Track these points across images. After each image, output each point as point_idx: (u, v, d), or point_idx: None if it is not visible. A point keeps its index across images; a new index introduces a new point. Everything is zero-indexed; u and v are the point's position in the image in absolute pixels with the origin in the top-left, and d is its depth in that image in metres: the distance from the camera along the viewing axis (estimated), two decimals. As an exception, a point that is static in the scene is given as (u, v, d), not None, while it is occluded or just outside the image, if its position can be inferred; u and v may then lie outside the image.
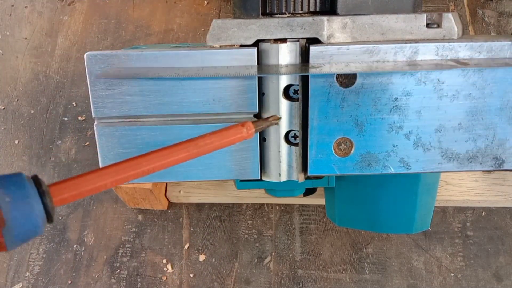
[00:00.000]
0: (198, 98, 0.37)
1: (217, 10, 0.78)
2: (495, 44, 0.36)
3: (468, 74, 0.36)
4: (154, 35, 0.78)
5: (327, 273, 0.67)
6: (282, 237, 0.69)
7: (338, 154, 0.38)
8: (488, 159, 0.38)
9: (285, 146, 0.38)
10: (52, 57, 0.79)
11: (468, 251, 0.66)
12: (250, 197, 0.68)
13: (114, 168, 0.22)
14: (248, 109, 0.38)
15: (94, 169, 0.21)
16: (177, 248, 0.69)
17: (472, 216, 0.68)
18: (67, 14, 0.80)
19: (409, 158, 0.38)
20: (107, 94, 0.37)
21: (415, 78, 0.36)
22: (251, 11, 0.37)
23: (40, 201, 0.18)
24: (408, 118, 0.37)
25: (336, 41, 0.36)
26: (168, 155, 0.24)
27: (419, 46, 0.35)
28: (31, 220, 0.18)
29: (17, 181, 0.18)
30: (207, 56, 0.36)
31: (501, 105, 0.37)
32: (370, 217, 0.50)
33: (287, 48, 0.36)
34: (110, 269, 0.69)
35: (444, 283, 0.65)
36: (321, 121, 0.37)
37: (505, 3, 0.73)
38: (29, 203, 0.18)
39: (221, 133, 0.27)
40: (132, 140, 0.38)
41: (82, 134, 0.75)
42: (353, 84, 0.36)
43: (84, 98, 0.76)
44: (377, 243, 0.67)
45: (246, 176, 0.40)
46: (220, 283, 0.67)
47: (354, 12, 0.36)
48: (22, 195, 0.18)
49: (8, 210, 0.17)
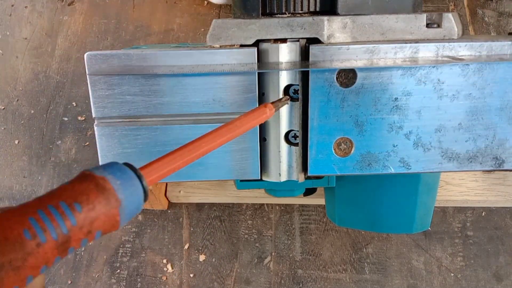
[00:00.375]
0: (198, 98, 0.37)
1: (217, 10, 0.78)
2: (495, 44, 0.36)
3: (468, 74, 0.36)
4: (154, 35, 0.78)
5: (327, 273, 0.67)
6: (282, 237, 0.69)
7: (338, 154, 0.38)
8: (488, 159, 0.38)
9: (285, 146, 0.38)
10: (52, 57, 0.79)
11: (468, 251, 0.66)
12: (250, 197, 0.68)
13: (188, 147, 0.26)
14: (248, 109, 0.38)
15: (170, 151, 0.25)
16: (177, 248, 0.69)
17: (472, 216, 0.68)
18: (67, 14, 0.80)
19: (409, 158, 0.38)
20: (107, 94, 0.37)
21: (415, 78, 0.36)
22: (251, 11, 0.37)
23: (139, 183, 0.22)
24: (408, 118, 0.37)
25: (336, 41, 0.36)
26: (213, 139, 0.27)
27: (419, 46, 0.35)
28: (137, 199, 0.22)
29: (119, 167, 0.21)
30: (207, 56, 0.36)
31: (501, 105, 0.37)
32: (370, 217, 0.50)
33: (287, 48, 0.36)
34: (110, 269, 0.69)
35: (444, 283, 0.65)
36: (321, 121, 0.37)
37: (505, 3, 0.73)
38: (134, 184, 0.21)
39: (248, 116, 0.31)
40: (132, 140, 0.38)
41: (82, 134, 0.75)
42: (353, 84, 0.36)
43: (84, 98, 0.76)
44: (377, 243, 0.67)
45: (246, 176, 0.40)
46: (220, 283, 0.67)
47: (354, 12, 0.36)
48: (127, 178, 0.21)
49: (121, 191, 0.21)
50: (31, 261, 0.18)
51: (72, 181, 0.20)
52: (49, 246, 0.18)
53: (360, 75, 0.36)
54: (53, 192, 0.20)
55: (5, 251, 0.17)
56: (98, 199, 0.20)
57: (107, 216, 0.20)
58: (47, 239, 0.18)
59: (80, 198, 0.19)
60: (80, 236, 0.19)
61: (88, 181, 0.20)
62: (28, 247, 0.18)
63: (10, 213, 0.18)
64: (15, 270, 0.17)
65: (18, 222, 0.18)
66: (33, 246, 0.18)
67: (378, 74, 0.36)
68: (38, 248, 0.18)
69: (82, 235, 0.19)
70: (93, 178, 0.20)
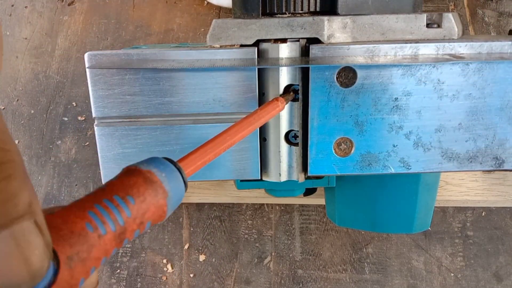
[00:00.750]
0: (198, 98, 0.37)
1: (217, 10, 0.78)
2: (495, 44, 0.36)
3: (468, 74, 0.36)
4: (154, 35, 0.78)
5: (327, 273, 0.67)
6: (282, 237, 0.69)
7: (338, 154, 0.38)
8: (488, 159, 0.38)
9: (285, 146, 0.38)
10: (52, 57, 0.79)
11: (468, 251, 0.66)
12: (250, 197, 0.68)
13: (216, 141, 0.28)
14: (248, 109, 0.38)
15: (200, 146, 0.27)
16: (177, 248, 0.69)
17: (472, 216, 0.68)
18: (67, 14, 0.80)
19: (409, 158, 0.38)
20: (107, 94, 0.37)
21: (415, 78, 0.36)
22: (251, 11, 0.37)
23: (180, 175, 0.23)
24: (408, 118, 0.37)
25: (336, 41, 0.36)
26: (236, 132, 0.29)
27: (419, 46, 0.35)
28: (180, 190, 0.23)
29: (161, 161, 0.23)
30: (207, 55, 0.36)
31: (501, 105, 0.37)
32: (370, 217, 0.50)
33: (288, 48, 0.36)
34: (110, 269, 0.69)
35: (444, 283, 0.65)
36: (321, 121, 0.37)
37: (505, 3, 0.73)
38: (177, 176, 0.23)
39: (263, 110, 0.32)
40: (132, 140, 0.38)
41: (82, 134, 0.75)
42: (353, 84, 0.36)
43: (84, 98, 0.76)
44: (377, 243, 0.67)
45: (246, 176, 0.40)
46: (220, 283, 0.67)
47: (354, 12, 0.36)
48: (170, 171, 0.22)
49: (167, 183, 0.22)
50: (95, 252, 0.19)
51: (120, 176, 0.21)
52: (109, 237, 0.19)
53: (360, 75, 0.36)
54: (104, 187, 0.21)
55: (73, 244, 0.18)
56: (147, 191, 0.21)
57: (156, 207, 0.21)
58: (107, 231, 0.19)
59: (131, 191, 0.20)
60: (134, 227, 0.20)
61: (136, 175, 0.21)
62: (91, 239, 0.18)
63: (70, 208, 0.19)
64: (82, 261, 0.18)
65: (79, 217, 0.19)
66: (96, 238, 0.19)
67: (378, 74, 0.36)
68: (100, 240, 0.19)
69: (136, 226, 0.20)
70: (140, 172, 0.21)
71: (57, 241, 0.18)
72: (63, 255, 0.18)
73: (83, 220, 0.19)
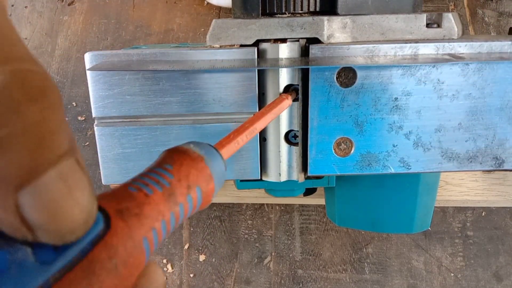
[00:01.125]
0: (198, 98, 0.37)
1: (217, 10, 0.78)
2: (495, 44, 0.36)
3: (468, 74, 0.36)
4: (154, 35, 0.78)
5: (327, 273, 0.67)
6: (282, 237, 0.69)
7: (338, 154, 0.38)
8: (488, 159, 0.38)
9: (285, 146, 0.38)
10: (52, 57, 0.79)
11: (468, 251, 0.66)
12: (250, 197, 0.68)
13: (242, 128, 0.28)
14: (248, 109, 0.38)
15: (231, 133, 0.27)
16: (177, 248, 0.69)
17: (472, 216, 0.68)
18: (67, 14, 0.80)
19: (409, 158, 0.38)
20: (107, 94, 0.37)
21: (415, 78, 0.36)
22: (251, 11, 0.37)
23: (222, 159, 0.23)
24: (408, 118, 0.37)
25: (336, 41, 0.36)
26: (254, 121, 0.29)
27: (419, 46, 0.35)
28: (223, 175, 0.23)
29: (205, 146, 0.23)
30: (207, 56, 0.36)
31: (501, 105, 0.37)
32: (370, 217, 0.50)
33: (287, 48, 0.36)
34: (110, 269, 0.69)
35: (444, 283, 0.65)
36: (321, 121, 0.37)
37: (505, 3, 0.73)
38: (221, 162, 0.23)
39: (274, 105, 0.32)
40: (132, 140, 0.38)
41: (82, 134, 0.75)
42: (353, 84, 0.36)
43: (84, 98, 0.76)
44: (377, 243, 0.67)
45: (246, 176, 0.40)
46: (220, 283, 0.67)
47: (354, 12, 0.36)
48: (215, 157, 0.23)
49: (213, 169, 0.22)
50: (147, 210, 0.18)
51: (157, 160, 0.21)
52: (158, 196, 0.18)
53: (360, 75, 0.36)
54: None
55: (119, 200, 0.17)
56: (180, 155, 0.21)
57: (197, 170, 0.21)
58: (153, 190, 0.19)
59: (165, 160, 0.21)
60: (182, 190, 0.20)
61: (164, 152, 0.21)
62: (138, 197, 0.18)
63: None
64: (135, 216, 0.17)
65: (121, 186, 0.18)
66: (143, 196, 0.18)
67: (378, 74, 0.36)
68: (148, 198, 0.18)
69: (184, 189, 0.20)
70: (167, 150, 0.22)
71: (101, 199, 0.17)
72: (111, 209, 0.17)
73: (125, 186, 0.18)
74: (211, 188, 0.22)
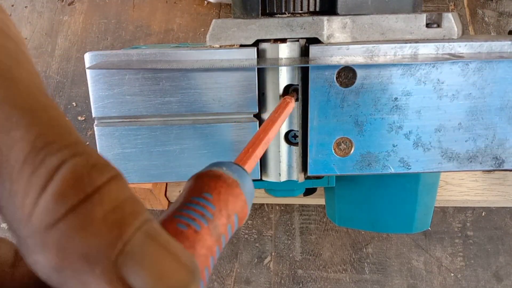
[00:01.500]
0: (198, 98, 0.37)
1: (217, 10, 0.78)
2: (495, 44, 0.36)
3: (468, 74, 0.36)
4: (154, 35, 0.78)
5: (327, 273, 0.67)
6: (282, 237, 0.69)
7: (338, 154, 0.38)
8: (488, 159, 0.38)
9: (285, 146, 0.38)
10: (52, 57, 0.79)
11: (468, 251, 0.66)
12: (250, 197, 0.68)
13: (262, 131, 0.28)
14: (248, 109, 0.38)
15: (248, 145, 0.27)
16: (177, 248, 0.69)
17: (472, 216, 0.68)
18: (67, 14, 0.80)
19: (409, 158, 0.38)
20: (107, 94, 0.37)
21: (415, 78, 0.36)
22: (251, 11, 0.37)
23: (237, 165, 0.23)
24: (408, 118, 0.37)
25: (336, 41, 0.36)
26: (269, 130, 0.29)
27: (419, 46, 0.35)
28: (252, 195, 0.23)
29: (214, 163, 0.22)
30: (207, 55, 0.36)
31: (501, 105, 0.37)
32: (370, 217, 0.50)
33: (287, 48, 0.36)
34: (110, 269, 0.69)
35: (444, 283, 0.65)
36: (321, 121, 0.37)
37: (505, 3, 0.73)
38: (251, 183, 0.23)
39: (281, 110, 0.32)
40: (132, 140, 0.38)
41: (82, 134, 0.75)
42: (353, 84, 0.36)
43: (84, 98, 0.76)
44: (377, 243, 0.67)
45: (246, 176, 0.40)
46: (220, 283, 0.67)
47: (354, 12, 0.36)
48: (228, 164, 0.22)
49: (231, 174, 0.22)
50: (199, 248, 0.18)
51: (187, 186, 0.21)
52: (205, 232, 0.18)
53: (360, 75, 0.36)
54: (176, 200, 0.20)
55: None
56: (218, 183, 0.21)
57: (234, 197, 0.21)
58: (200, 225, 0.18)
59: (203, 189, 0.20)
60: (223, 220, 0.20)
61: (200, 177, 0.21)
62: (189, 235, 0.18)
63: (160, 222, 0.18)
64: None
65: (167, 221, 0.18)
66: (193, 233, 0.18)
67: (378, 74, 0.36)
68: (197, 235, 0.18)
69: (224, 219, 0.20)
70: (202, 174, 0.21)
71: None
72: None
73: (173, 223, 0.18)
74: (245, 212, 0.22)
